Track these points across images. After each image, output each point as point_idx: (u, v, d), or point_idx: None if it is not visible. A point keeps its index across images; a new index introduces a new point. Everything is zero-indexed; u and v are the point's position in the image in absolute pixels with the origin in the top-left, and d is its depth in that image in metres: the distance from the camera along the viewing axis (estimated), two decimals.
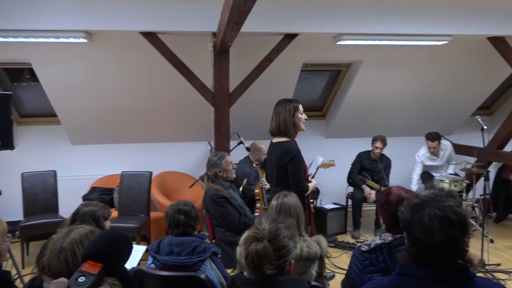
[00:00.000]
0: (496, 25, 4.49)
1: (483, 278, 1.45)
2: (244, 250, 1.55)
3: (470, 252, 1.45)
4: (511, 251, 4.73)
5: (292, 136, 3.19)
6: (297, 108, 3.18)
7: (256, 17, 3.88)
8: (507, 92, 6.36)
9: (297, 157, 3.09)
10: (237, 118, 4.78)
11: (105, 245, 1.02)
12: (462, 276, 1.38)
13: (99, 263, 0.96)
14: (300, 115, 3.19)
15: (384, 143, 5.31)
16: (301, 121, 3.19)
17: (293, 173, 3.09)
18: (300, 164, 3.11)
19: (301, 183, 3.10)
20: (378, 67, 5.18)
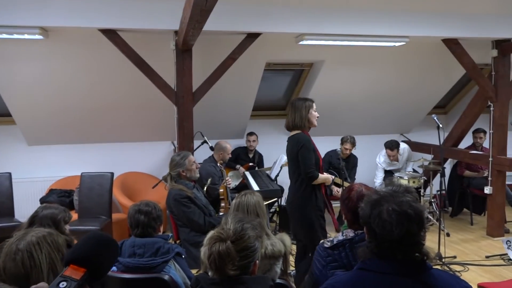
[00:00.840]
0: (450, 28, 4.67)
1: (439, 270, 1.50)
2: (207, 250, 1.54)
3: (427, 246, 1.51)
4: (466, 244, 4.94)
5: (305, 129, 3.42)
6: (312, 106, 3.43)
7: (218, 16, 3.88)
8: (461, 91, 6.65)
9: (307, 145, 3.29)
10: (200, 117, 4.75)
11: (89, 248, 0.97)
12: (419, 269, 1.43)
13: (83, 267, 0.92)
14: (314, 112, 3.44)
15: (353, 144, 5.45)
16: (314, 118, 3.44)
17: (302, 160, 3.28)
18: (309, 152, 3.29)
19: (309, 169, 3.26)
20: (340, 67, 5.29)
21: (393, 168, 5.93)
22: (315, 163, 3.31)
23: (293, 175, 3.44)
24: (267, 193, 4.45)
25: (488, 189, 5.12)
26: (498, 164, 5.02)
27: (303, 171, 3.28)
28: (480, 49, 5.07)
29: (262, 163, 5.94)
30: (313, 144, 3.37)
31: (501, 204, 5.14)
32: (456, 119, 6.01)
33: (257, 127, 6.04)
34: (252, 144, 5.79)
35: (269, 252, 2.28)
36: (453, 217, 6.02)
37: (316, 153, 3.39)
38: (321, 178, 3.35)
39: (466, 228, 5.57)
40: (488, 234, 5.21)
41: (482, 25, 4.74)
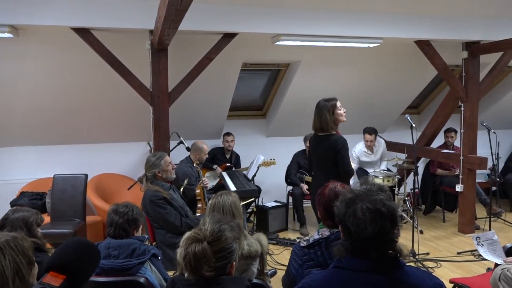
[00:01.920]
0: (422, 30, 4.78)
1: (412, 267, 1.54)
2: (183, 250, 1.53)
3: (400, 243, 1.54)
4: (439, 241, 5.07)
5: (334, 130, 3.60)
6: (335, 106, 3.59)
7: (194, 15, 3.86)
8: (433, 92, 6.80)
9: (346, 146, 3.52)
10: (177, 118, 4.71)
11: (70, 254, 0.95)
12: (393, 266, 1.46)
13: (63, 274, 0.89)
14: (339, 111, 3.60)
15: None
16: (340, 116, 3.60)
17: (342, 159, 3.50)
18: (347, 152, 3.53)
19: (349, 167, 3.54)
20: (316, 68, 5.34)
21: (368, 159, 5.98)
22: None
23: (325, 172, 3.55)
24: (244, 193, 4.46)
25: (459, 187, 5.26)
26: (468, 162, 5.17)
27: (343, 169, 3.50)
28: (451, 51, 5.20)
29: (239, 164, 5.94)
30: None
31: (471, 202, 5.29)
32: (429, 119, 6.15)
33: (234, 127, 6.03)
34: (231, 144, 5.79)
35: (245, 252, 2.28)
36: (426, 215, 6.16)
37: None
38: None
39: (439, 225, 5.71)
40: (459, 231, 5.35)
41: (453, 27, 4.86)
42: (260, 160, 5.47)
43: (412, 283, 1.45)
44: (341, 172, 3.50)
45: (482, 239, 2.81)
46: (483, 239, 2.81)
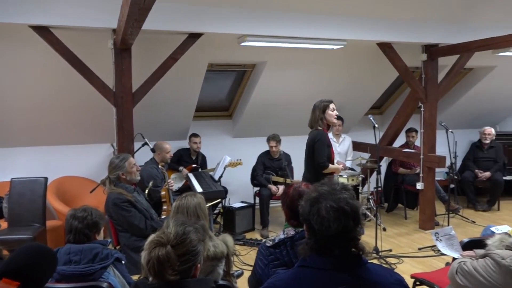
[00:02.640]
0: (384, 32, 4.92)
1: (374, 264, 1.58)
2: (146, 255, 1.50)
3: (364, 241, 1.58)
4: (401, 238, 5.22)
5: (323, 127, 3.91)
6: (327, 106, 3.89)
7: (159, 15, 3.81)
8: (395, 93, 7.00)
9: (322, 140, 3.82)
10: (141, 119, 4.63)
11: (24, 260, 0.90)
12: (356, 264, 1.50)
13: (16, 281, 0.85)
14: (331, 112, 3.89)
15: (277, 140, 5.53)
16: (331, 117, 3.90)
17: (316, 152, 3.83)
18: (323, 146, 3.82)
19: (321, 160, 3.83)
20: (281, 69, 5.38)
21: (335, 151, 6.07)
22: (327, 156, 3.87)
23: (307, 165, 4.00)
24: (211, 194, 4.44)
25: (420, 185, 5.44)
26: (428, 161, 5.35)
27: (316, 161, 3.84)
28: (411, 53, 5.37)
29: (205, 165, 5.90)
30: (328, 141, 3.92)
31: (431, 199, 5.48)
32: (391, 119, 6.33)
33: (200, 128, 5.99)
34: (199, 146, 5.74)
35: (211, 253, 2.27)
36: (389, 212, 6.33)
37: (330, 149, 3.94)
38: (331, 168, 3.93)
39: (401, 222, 5.88)
40: (420, 227, 5.53)
41: (413, 30, 5.03)
42: (226, 161, 5.45)
43: (374, 280, 1.49)
44: (314, 163, 3.84)
45: (440, 235, 2.92)
46: (442, 234, 2.92)
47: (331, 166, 3.95)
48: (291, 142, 6.09)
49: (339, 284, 1.44)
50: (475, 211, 6.32)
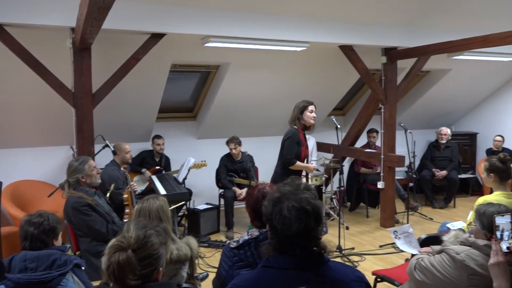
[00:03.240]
0: (346, 35, 5.02)
1: (335, 262, 1.60)
2: (106, 260, 1.46)
3: (327, 239, 1.60)
4: (363, 236, 5.34)
5: (298, 126, 4.08)
6: (306, 107, 4.05)
7: (120, 14, 3.73)
8: (356, 94, 7.17)
9: (292, 137, 4.00)
10: (102, 120, 4.52)
11: None
12: (318, 263, 1.52)
13: None
14: (309, 113, 4.04)
15: (235, 142, 5.53)
16: (309, 118, 4.04)
17: (285, 148, 4.03)
18: (292, 143, 3.99)
19: (288, 156, 3.99)
20: (246, 70, 5.39)
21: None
22: (296, 153, 4.01)
23: (278, 161, 4.20)
24: (175, 196, 4.38)
25: (381, 184, 5.59)
26: (388, 161, 5.51)
27: (283, 156, 4.04)
28: (372, 56, 5.52)
29: (169, 166, 5.82)
30: (301, 140, 4.06)
31: (391, 198, 5.65)
32: (353, 120, 6.47)
33: (164, 130, 5.91)
34: (162, 147, 5.65)
35: (174, 256, 2.24)
36: (351, 211, 6.47)
37: (301, 147, 4.06)
38: (300, 165, 4.05)
39: (363, 220, 6.02)
40: (381, 225, 5.69)
41: (373, 34, 5.17)
42: (190, 163, 5.40)
43: (336, 278, 1.51)
44: (282, 158, 4.06)
45: (399, 233, 3.01)
46: (400, 232, 3.02)
47: (300, 164, 4.07)
48: (256, 143, 6.13)
49: (301, 283, 1.46)
50: (433, 209, 6.57)
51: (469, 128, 7.97)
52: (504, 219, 1.88)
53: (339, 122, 4.89)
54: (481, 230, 2.12)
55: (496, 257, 1.83)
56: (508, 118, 7.35)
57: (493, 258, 1.84)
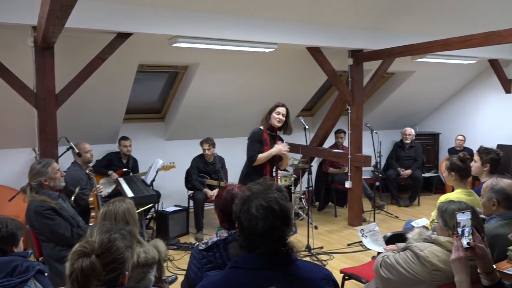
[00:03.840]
0: (313, 37, 5.09)
1: (303, 261, 1.62)
2: (69, 266, 1.41)
3: (294, 240, 1.62)
4: (331, 235, 5.42)
5: (263, 126, 4.18)
6: (274, 109, 4.11)
7: (84, 12, 3.64)
8: (324, 95, 7.27)
9: (253, 136, 4.14)
10: (66, 122, 4.40)
11: None
12: (285, 262, 1.53)
13: None
14: (275, 114, 4.09)
15: (210, 143, 5.50)
16: (274, 119, 4.11)
17: (247, 147, 4.17)
18: (253, 142, 4.11)
19: (249, 154, 4.15)
20: (214, 70, 5.37)
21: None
22: (258, 151, 4.08)
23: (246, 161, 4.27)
24: (143, 199, 4.31)
25: (348, 184, 5.69)
26: (355, 160, 5.62)
27: (246, 154, 4.16)
28: (339, 58, 5.61)
29: (137, 168, 5.72)
30: (265, 139, 4.11)
31: (359, 197, 5.76)
32: (321, 120, 6.56)
33: (131, 131, 5.80)
34: (129, 149, 5.54)
35: (142, 260, 2.20)
36: (320, 211, 6.56)
37: (264, 146, 4.10)
38: (261, 157, 4.07)
39: (331, 220, 6.12)
40: (349, 224, 5.79)
41: (340, 36, 5.26)
42: (158, 164, 5.33)
43: (304, 277, 1.53)
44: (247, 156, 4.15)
45: (365, 231, 3.08)
46: (367, 230, 3.08)
47: (262, 155, 4.09)
48: (225, 144, 6.11)
49: (270, 283, 1.47)
50: (398, 207, 6.74)
51: (432, 128, 8.24)
52: (465, 215, 1.94)
53: (307, 123, 4.95)
54: (443, 227, 2.19)
55: (457, 252, 1.89)
56: (468, 118, 7.65)
57: (455, 253, 1.90)
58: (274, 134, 4.24)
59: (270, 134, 4.21)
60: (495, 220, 2.59)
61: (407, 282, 2.17)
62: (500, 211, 2.60)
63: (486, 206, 2.67)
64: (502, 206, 2.59)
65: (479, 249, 1.90)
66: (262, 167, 4.15)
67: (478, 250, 1.90)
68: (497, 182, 2.63)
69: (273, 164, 4.26)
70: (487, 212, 2.68)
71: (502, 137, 6.94)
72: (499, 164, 3.41)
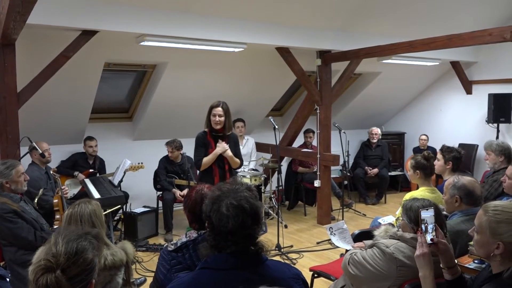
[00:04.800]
0: (282, 37, 5.12)
1: (273, 261, 1.63)
2: (33, 283, 1.30)
3: (265, 239, 1.63)
4: (301, 233, 5.48)
5: (207, 128, 4.03)
6: (210, 111, 3.95)
7: (47, 8, 3.54)
8: (293, 95, 7.34)
9: (196, 141, 4.05)
10: (28, 121, 4.26)
11: None
12: (255, 262, 1.54)
13: None
14: (212, 117, 3.93)
15: (174, 146, 5.41)
16: (212, 121, 3.94)
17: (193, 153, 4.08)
18: (197, 147, 4.02)
19: (194, 160, 4.08)
20: (183, 70, 5.31)
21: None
22: (205, 156, 3.97)
23: None
24: (110, 200, 4.23)
25: (317, 183, 5.76)
26: (324, 160, 5.70)
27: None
28: (307, 58, 5.67)
29: (104, 169, 5.59)
30: (208, 141, 3.99)
31: (327, 195, 5.84)
32: (290, 120, 6.62)
33: (98, 131, 5.67)
34: (95, 149, 5.40)
35: (109, 263, 2.16)
36: (290, 210, 6.61)
37: (209, 149, 3.98)
38: (206, 160, 3.95)
39: (301, 219, 6.18)
40: (318, 223, 5.86)
41: (309, 37, 5.32)
42: (126, 165, 5.23)
43: (273, 276, 1.54)
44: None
45: (334, 229, 3.13)
46: (335, 229, 3.13)
47: (207, 158, 3.94)
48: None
49: (239, 283, 1.47)
50: (366, 205, 6.89)
51: (398, 128, 8.46)
52: (428, 212, 2.01)
53: (277, 123, 4.97)
54: (408, 224, 2.25)
55: (421, 248, 1.96)
56: (432, 118, 7.90)
57: (419, 249, 1.96)
58: (221, 135, 4.00)
59: (215, 136, 4.00)
60: (457, 216, 2.69)
61: (374, 278, 2.22)
62: (462, 207, 2.69)
63: (448, 203, 2.76)
64: (464, 202, 2.69)
65: (441, 245, 1.97)
66: (211, 170, 3.97)
67: (441, 245, 1.97)
68: (459, 179, 2.73)
69: (223, 167, 4.02)
70: (449, 209, 2.77)
71: (463, 137, 7.21)
72: (461, 162, 3.54)
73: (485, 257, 1.79)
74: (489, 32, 3.86)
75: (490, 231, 1.71)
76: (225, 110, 3.90)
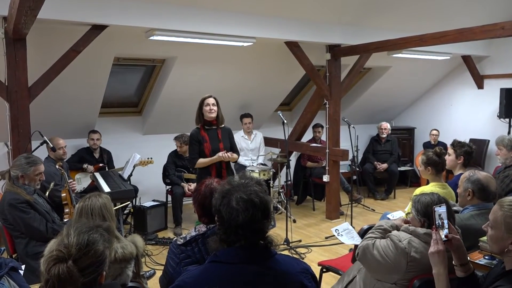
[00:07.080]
0: (292, 32, 5.10)
1: (282, 255, 1.63)
2: (45, 274, 1.32)
3: (273, 233, 1.63)
4: (310, 228, 5.48)
5: (199, 123, 3.99)
6: (203, 101, 3.93)
7: (58, 3, 3.56)
8: (302, 90, 7.31)
9: (190, 140, 3.99)
10: (39, 115, 4.30)
11: None
12: (264, 256, 1.54)
13: None
14: (206, 107, 3.91)
15: (182, 141, 5.44)
16: (206, 112, 3.91)
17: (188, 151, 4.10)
18: (191, 145, 3.97)
19: (190, 157, 4.04)
20: (192, 64, 5.32)
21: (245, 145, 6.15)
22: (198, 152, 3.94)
23: None
24: (120, 194, 4.25)
25: (326, 177, 5.75)
26: (333, 155, 5.68)
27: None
28: (316, 53, 5.64)
29: (111, 162, 5.62)
30: (203, 136, 3.93)
31: (336, 190, 5.83)
32: (299, 115, 6.60)
33: (107, 125, 5.71)
34: (96, 143, 5.41)
35: (119, 255, 2.18)
36: (298, 205, 6.61)
37: (204, 145, 3.93)
38: (202, 162, 3.92)
39: (309, 213, 6.17)
40: (327, 217, 5.86)
41: (318, 31, 5.28)
42: (136, 159, 5.26)
43: (282, 270, 1.54)
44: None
45: (340, 231, 3.14)
46: (341, 230, 3.15)
47: (203, 160, 3.91)
48: None
49: (248, 276, 1.47)
50: (375, 200, 6.86)
51: (408, 123, 8.39)
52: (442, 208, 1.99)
53: (285, 117, 4.96)
54: (416, 217, 2.24)
55: (436, 246, 1.92)
56: (442, 113, 7.82)
57: (433, 247, 1.93)
58: (214, 128, 4.01)
59: (209, 129, 3.99)
60: (468, 210, 2.67)
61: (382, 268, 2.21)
62: (475, 201, 2.67)
63: (461, 196, 2.74)
64: (476, 197, 2.66)
65: (455, 241, 1.94)
66: (209, 167, 3.95)
67: (455, 241, 1.94)
68: (474, 173, 2.71)
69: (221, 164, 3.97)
70: (462, 202, 2.75)
71: (474, 132, 7.13)
72: (472, 157, 3.50)
73: (499, 253, 1.77)
74: (502, 26, 3.80)
75: (506, 226, 1.69)
76: (216, 101, 3.97)
